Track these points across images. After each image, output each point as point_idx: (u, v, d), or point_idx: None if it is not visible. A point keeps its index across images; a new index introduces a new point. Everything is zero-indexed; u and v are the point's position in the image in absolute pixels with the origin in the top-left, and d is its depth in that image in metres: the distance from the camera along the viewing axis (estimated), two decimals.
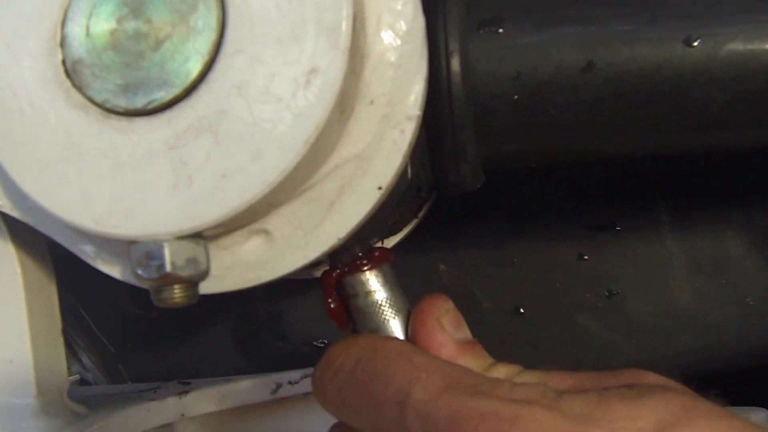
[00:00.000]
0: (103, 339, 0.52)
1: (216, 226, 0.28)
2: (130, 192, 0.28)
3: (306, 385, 0.42)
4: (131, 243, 0.28)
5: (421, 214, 0.43)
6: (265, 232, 0.31)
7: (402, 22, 0.30)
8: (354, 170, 0.30)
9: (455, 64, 0.35)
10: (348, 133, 0.30)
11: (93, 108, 0.28)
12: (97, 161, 0.28)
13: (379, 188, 0.31)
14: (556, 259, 0.52)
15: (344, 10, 0.27)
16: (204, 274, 0.29)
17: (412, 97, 0.31)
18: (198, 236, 0.28)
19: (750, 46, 0.34)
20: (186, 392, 0.42)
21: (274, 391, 0.42)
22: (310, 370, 0.41)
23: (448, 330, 0.34)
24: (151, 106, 0.28)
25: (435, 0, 0.34)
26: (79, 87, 0.28)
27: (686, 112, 0.35)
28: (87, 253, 0.32)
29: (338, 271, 0.36)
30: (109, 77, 0.28)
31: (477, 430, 0.27)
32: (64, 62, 0.28)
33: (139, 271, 0.28)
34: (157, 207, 0.28)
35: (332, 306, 0.36)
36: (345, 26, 0.27)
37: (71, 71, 0.28)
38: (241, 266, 0.31)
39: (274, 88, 0.27)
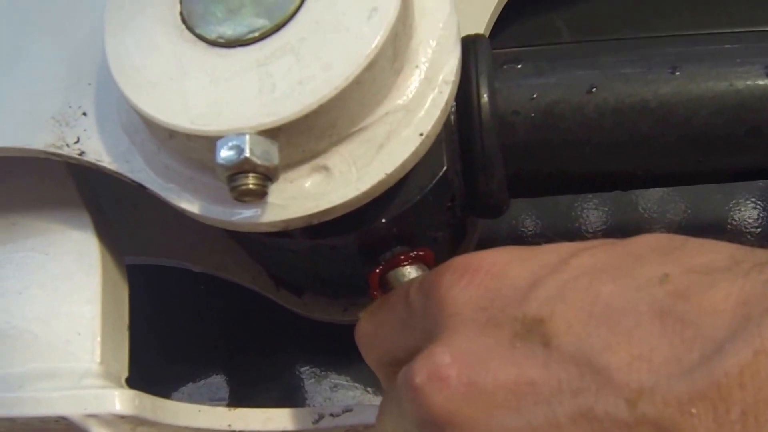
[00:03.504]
0: None
1: (288, 128, 0.35)
2: (222, 98, 0.35)
3: (346, 419, 0.45)
4: (218, 138, 0.34)
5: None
6: (326, 168, 0.37)
7: (441, 14, 0.39)
8: (401, 118, 0.37)
9: (483, 87, 0.43)
10: (397, 87, 0.38)
11: (200, 42, 0.36)
12: (199, 78, 0.36)
13: (421, 134, 0.37)
14: None
15: None
16: (275, 170, 0.34)
17: (448, 68, 0.38)
18: (274, 136, 0.35)
19: (722, 76, 0.43)
20: (235, 407, 0.44)
21: (316, 422, 0.44)
22: (351, 406, 0.44)
23: None
24: (247, 38, 0.36)
25: (469, 45, 0.44)
26: (191, 28, 0.37)
27: (673, 127, 0.42)
28: (172, 191, 0.38)
29: (381, 266, 0.41)
30: (215, 20, 0.36)
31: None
32: (181, 13, 0.37)
33: (222, 159, 0.34)
34: (244, 107, 0.35)
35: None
36: None
37: (186, 17, 0.37)
38: (303, 197, 0.37)
39: (345, 21, 0.35)
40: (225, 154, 0.34)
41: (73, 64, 0.42)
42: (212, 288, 0.54)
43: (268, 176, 0.35)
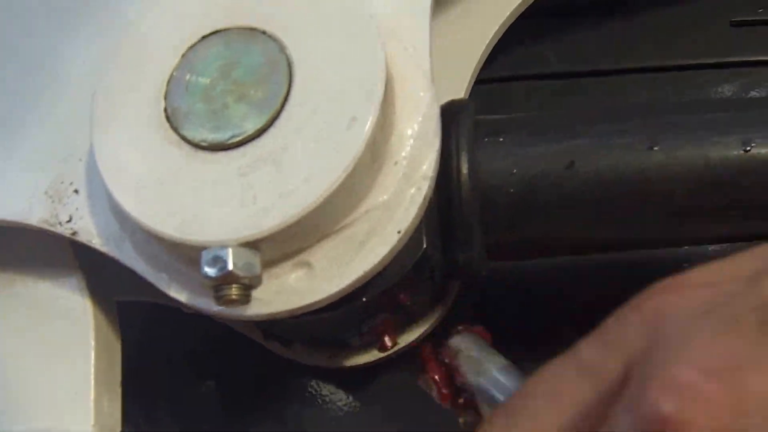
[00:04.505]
0: None
1: (270, 238, 0.36)
2: (206, 207, 0.36)
3: None
4: (203, 248, 0.36)
5: (436, 316, 0.50)
6: (308, 264, 0.39)
7: (421, 108, 0.40)
8: (380, 215, 0.39)
9: (464, 161, 0.44)
10: (377, 185, 0.39)
11: (185, 144, 0.37)
12: (184, 184, 0.37)
13: (399, 232, 0.39)
14: None
15: (379, 78, 0.37)
16: (257, 279, 0.36)
17: (427, 164, 0.39)
18: (255, 247, 0.36)
19: (700, 150, 0.43)
20: None
21: None
22: None
23: None
24: (229, 143, 0.37)
25: (450, 116, 0.44)
26: (175, 128, 0.38)
27: (653, 201, 0.43)
28: (163, 280, 0.40)
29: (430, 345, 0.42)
30: (198, 121, 0.37)
31: None
32: (165, 110, 0.38)
33: (207, 270, 0.35)
34: (227, 218, 0.36)
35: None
36: (379, 88, 0.37)
37: (170, 116, 0.38)
38: (287, 292, 0.39)
39: (324, 131, 0.36)
40: (209, 267, 0.35)
41: (65, 137, 0.43)
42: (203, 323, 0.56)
43: (251, 285, 0.36)
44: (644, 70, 0.62)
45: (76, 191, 0.42)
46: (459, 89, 0.53)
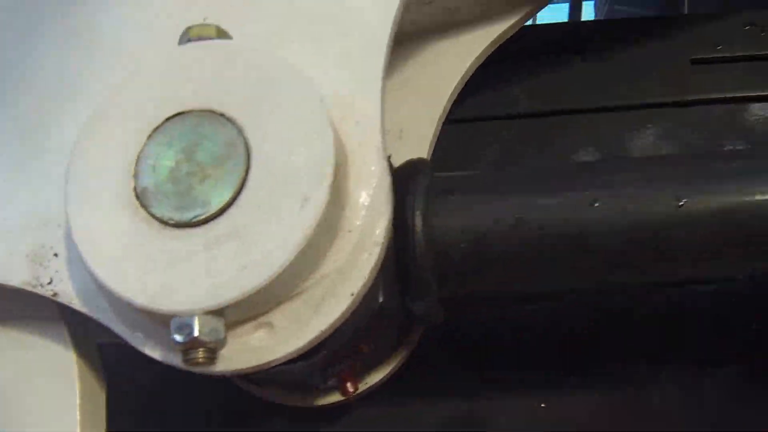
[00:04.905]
0: None
1: (234, 306, 0.40)
2: (175, 279, 0.40)
3: None
4: (172, 316, 0.40)
5: (401, 356, 0.54)
6: (269, 324, 0.42)
7: (373, 180, 0.43)
8: (335, 279, 0.42)
9: (418, 220, 0.47)
10: (331, 252, 0.42)
11: (154, 221, 0.41)
12: (153, 257, 0.41)
13: (352, 294, 0.42)
14: None
15: (329, 162, 0.40)
16: (222, 342, 0.40)
17: (378, 231, 0.43)
18: (220, 314, 0.40)
19: (636, 206, 0.47)
20: None
21: None
22: None
23: None
24: (194, 221, 0.40)
25: (407, 175, 0.48)
26: (144, 206, 0.41)
27: (592, 253, 0.47)
28: (138, 339, 0.43)
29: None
30: (166, 200, 0.41)
31: None
32: (135, 189, 0.42)
33: (176, 336, 0.39)
34: (193, 290, 0.40)
35: None
36: (329, 172, 0.40)
37: (140, 195, 0.41)
38: (250, 350, 0.42)
39: (281, 208, 0.40)
40: (177, 334, 0.39)
41: (43, 203, 0.46)
42: None
43: (216, 348, 0.40)
44: (608, 109, 0.65)
45: (55, 254, 0.46)
46: (423, 144, 0.57)
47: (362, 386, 0.52)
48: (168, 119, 0.42)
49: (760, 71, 0.65)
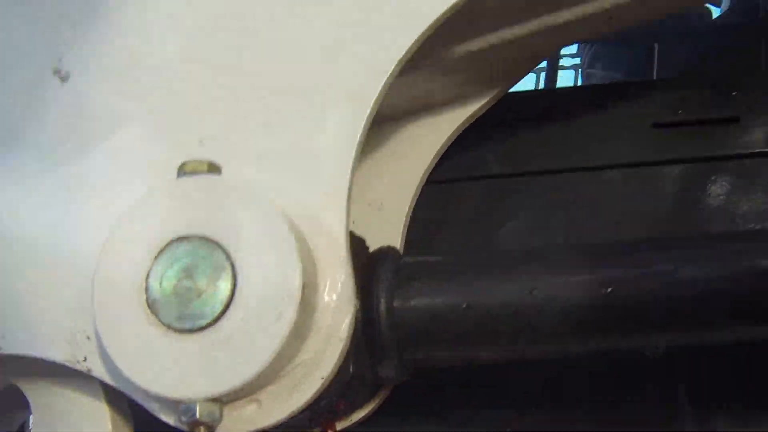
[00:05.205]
0: None
1: (227, 394, 0.51)
2: (181, 373, 0.52)
3: None
4: (179, 402, 0.51)
5: (374, 405, 0.65)
6: (257, 401, 0.54)
7: (339, 286, 0.54)
8: (308, 367, 0.53)
9: (383, 303, 0.58)
10: (305, 347, 0.53)
11: (162, 326, 0.52)
12: (164, 356, 0.52)
13: (322, 378, 0.53)
14: None
15: (296, 286, 0.51)
16: (218, 421, 0.51)
17: (343, 327, 0.54)
18: (216, 400, 0.51)
19: (570, 293, 0.57)
20: None
21: None
22: None
23: None
24: (194, 328, 0.52)
25: (376, 263, 0.58)
26: (154, 314, 0.52)
27: (530, 332, 0.57)
28: (155, 408, 0.55)
29: None
30: (171, 311, 0.52)
31: None
32: (147, 300, 0.53)
33: (182, 418, 0.51)
34: (195, 382, 0.51)
35: None
36: (296, 295, 0.51)
37: (150, 305, 0.53)
38: (243, 421, 0.54)
39: (263, 320, 0.51)
40: (182, 416, 0.51)
41: (79, 298, 0.58)
42: None
43: (213, 425, 0.52)
44: (573, 170, 0.74)
45: (88, 338, 0.57)
46: (400, 214, 0.67)
47: (344, 423, 0.64)
48: (171, 242, 0.53)
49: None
